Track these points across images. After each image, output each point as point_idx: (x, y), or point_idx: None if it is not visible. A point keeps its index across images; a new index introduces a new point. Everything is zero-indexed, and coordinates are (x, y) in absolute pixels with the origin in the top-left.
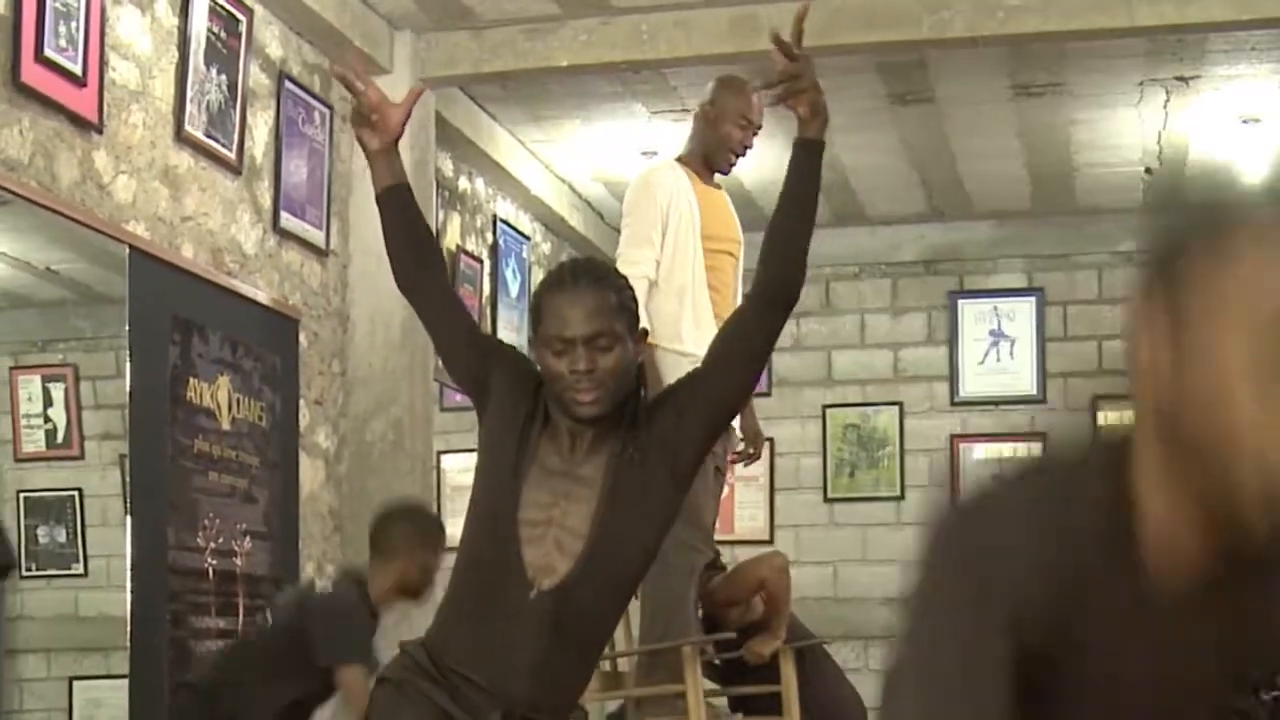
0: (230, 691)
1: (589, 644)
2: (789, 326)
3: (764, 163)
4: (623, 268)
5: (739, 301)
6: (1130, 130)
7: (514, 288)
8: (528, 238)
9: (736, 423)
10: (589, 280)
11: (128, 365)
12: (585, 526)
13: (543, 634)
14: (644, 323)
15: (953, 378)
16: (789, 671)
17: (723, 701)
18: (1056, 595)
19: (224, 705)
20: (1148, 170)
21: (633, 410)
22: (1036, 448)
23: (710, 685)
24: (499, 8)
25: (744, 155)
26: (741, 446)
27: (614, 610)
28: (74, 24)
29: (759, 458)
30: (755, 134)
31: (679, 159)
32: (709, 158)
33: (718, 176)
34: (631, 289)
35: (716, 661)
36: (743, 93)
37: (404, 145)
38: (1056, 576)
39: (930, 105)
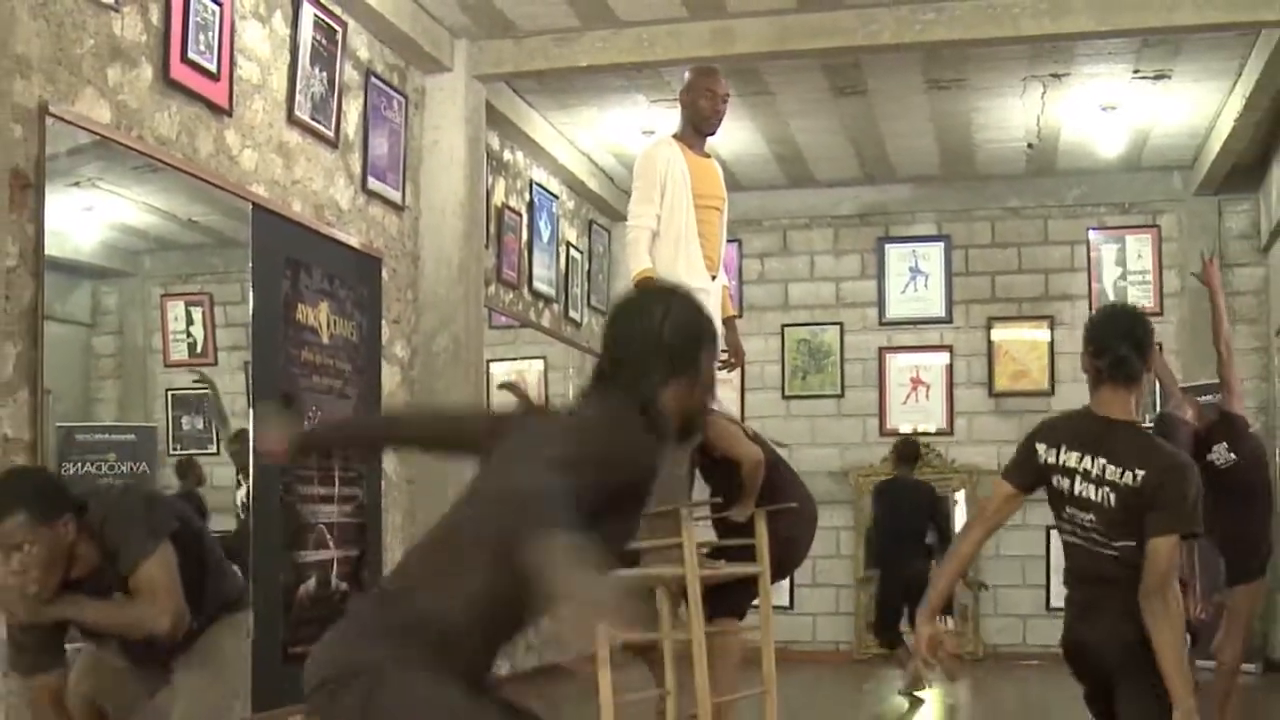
0: None
1: None
2: (755, 264)
3: (735, 139)
4: (632, 220)
5: (723, 247)
6: (1016, 115)
7: (545, 235)
8: (556, 196)
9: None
10: None
11: (251, 294)
12: None
13: None
14: (647, 264)
15: (880, 304)
16: (761, 528)
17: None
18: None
19: None
20: (1029, 145)
21: None
22: (945, 357)
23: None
24: (534, 21)
25: (717, 118)
26: (725, 356)
27: None
28: (210, 33)
29: (739, 367)
30: (724, 102)
31: (674, 136)
32: (695, 131)
33: (707, 146)
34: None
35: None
36: (707, 73)
37: (461, 125)
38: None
39: (863, 96)
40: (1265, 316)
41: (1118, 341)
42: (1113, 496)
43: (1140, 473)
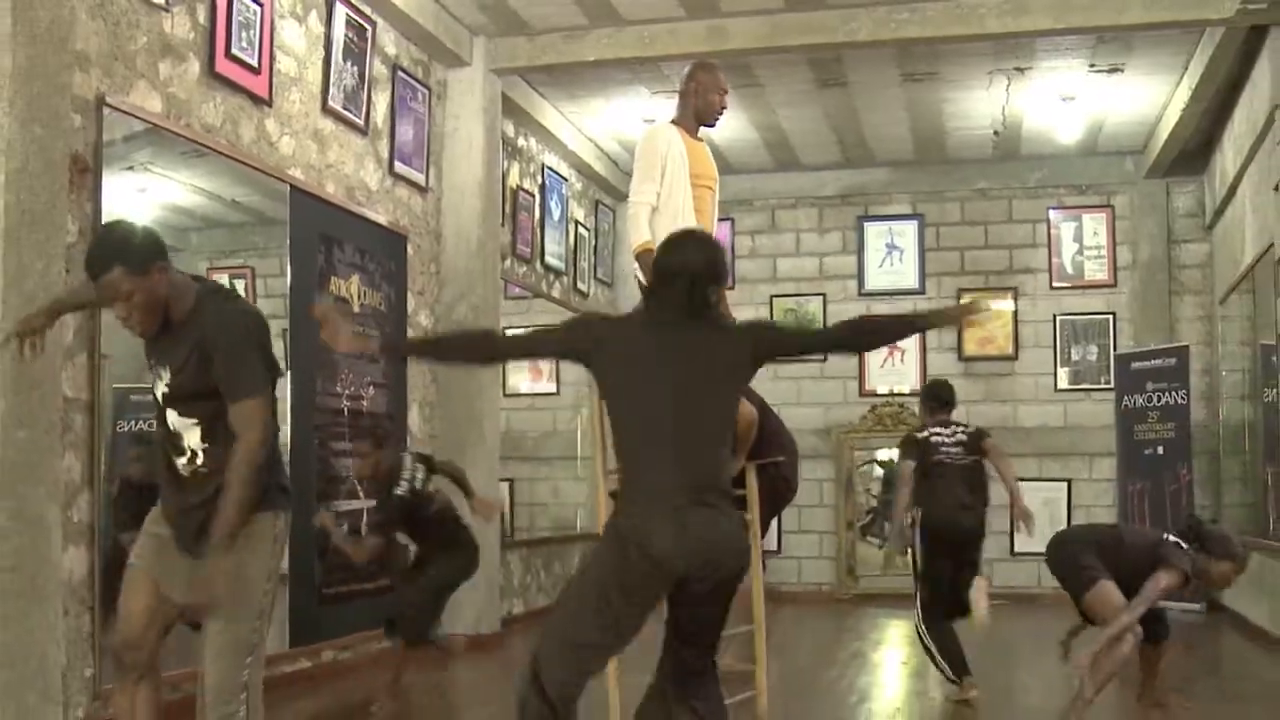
0: None
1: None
2: (746, 240)
3: (728, 126)
4: (633, 198)
5: (715, 223)
6: (983, 105)
7: (555, 213)
8: (565, 179)
9: None
10: None
11: (288, 267)
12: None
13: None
14: (647, 236)
15: (859, 277)
16: (751, 481)
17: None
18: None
19: None
20: (995, 132)
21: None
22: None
23: None
24: (546, 20)
25: (722, 112)
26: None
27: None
28: (252, 31)
29: None
30: (724, 95)
31: (672, 121)
32: (696, 119)
33: (702, 130)
34: None
35: None
36: (717, 71)
37: (480, 114)
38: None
39: (844, 88)
40: (1210, 288)
41: None
42: None
43: None
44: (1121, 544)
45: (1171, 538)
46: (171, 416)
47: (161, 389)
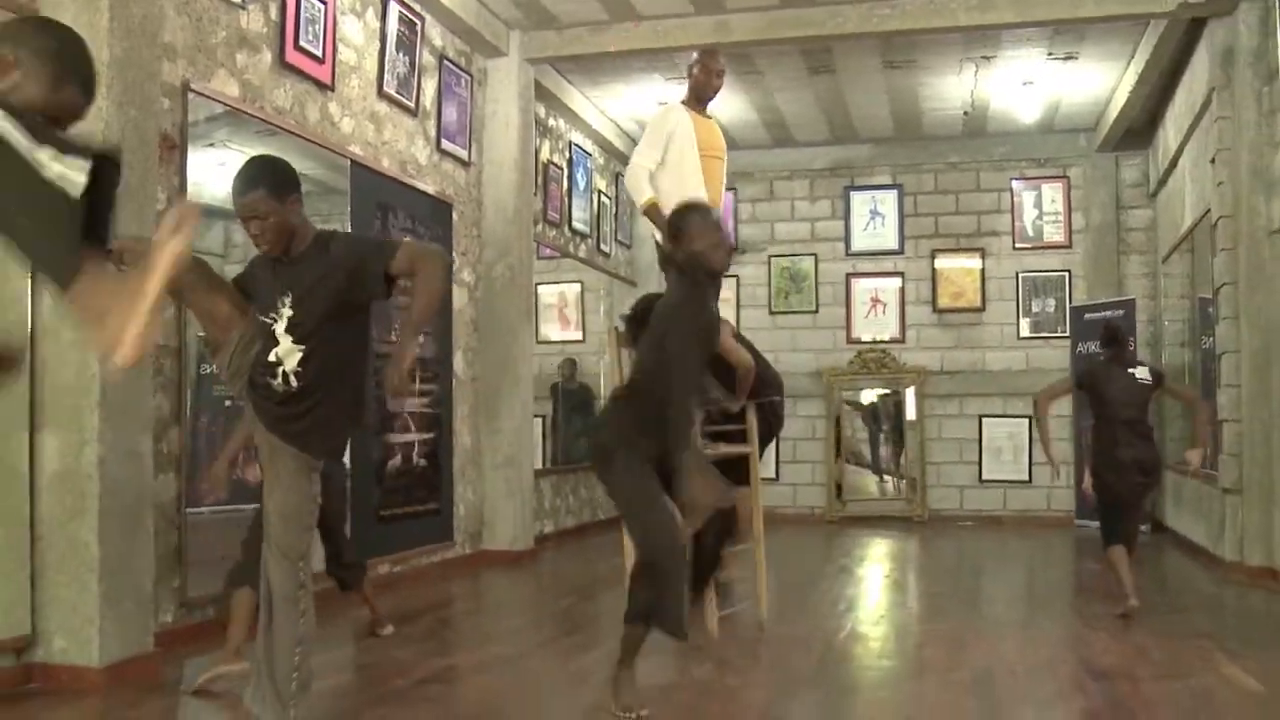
0: None
1: None
2: (748, 208)
3: (732, 108)
4: (634, 160)
5: (723, 188)
6: (954, 89)
7: (581, 184)
8: (590, 154)
9: None
10: None
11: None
12: None
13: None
14: (649, 193)
15: (846, 239)
16: (751, 418)
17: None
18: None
19: None
20: (965, 113)
21: None
22: (898, 281)
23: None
24: (573, 16)
25: (718, 89)
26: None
27: None
28: (317, 26)
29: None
30: (719, 77)
31: (682, 102)
32: (697, 97)
33: (711, 111)
34: None
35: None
36: (713, 55)
37: (515, 98)
38: None
39: (832, 74)
40: (1154, 248)
41: None
42: None
43: None
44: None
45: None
46: (284, 343)
47: (285, 313)
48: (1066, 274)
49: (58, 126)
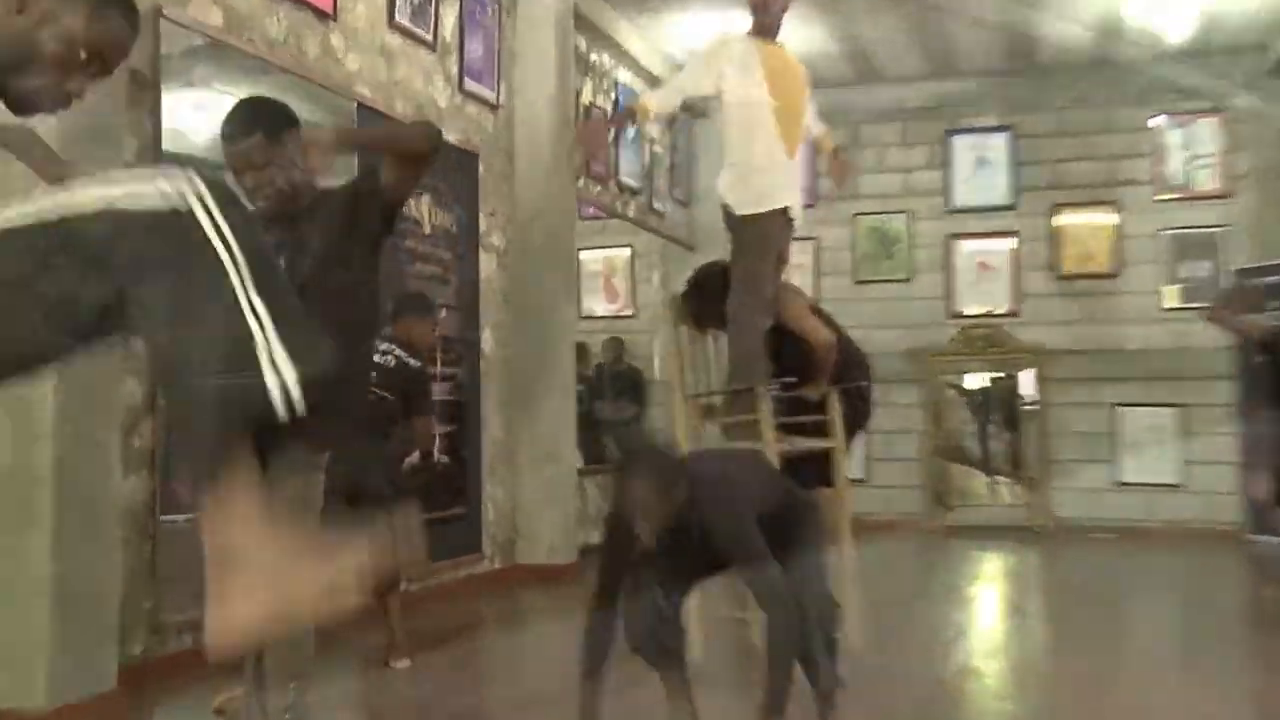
0: None
1: None
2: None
3: (806, 37)
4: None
5: (809, 116)
6: (1080, 2)
7: (631, 133)
8: (640, 95)
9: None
10: None
11: None
12: None
13: None
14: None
15: (946, 193)
16: (834, 405)
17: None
18: None
19: None
20: (1094, 34)
21: None
22: (1011, 242)
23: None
24: None
25: (777, 14)
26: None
27: None
28: None
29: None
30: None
31: (748, 33)
32: (759, 22)
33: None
34: None
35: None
36: None
37: (551, 28)
38: None
39: None
40: None
41: None
42: None
43: None
44: None
45: None
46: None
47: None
48: (1224, 230)
49: (103, 68)
